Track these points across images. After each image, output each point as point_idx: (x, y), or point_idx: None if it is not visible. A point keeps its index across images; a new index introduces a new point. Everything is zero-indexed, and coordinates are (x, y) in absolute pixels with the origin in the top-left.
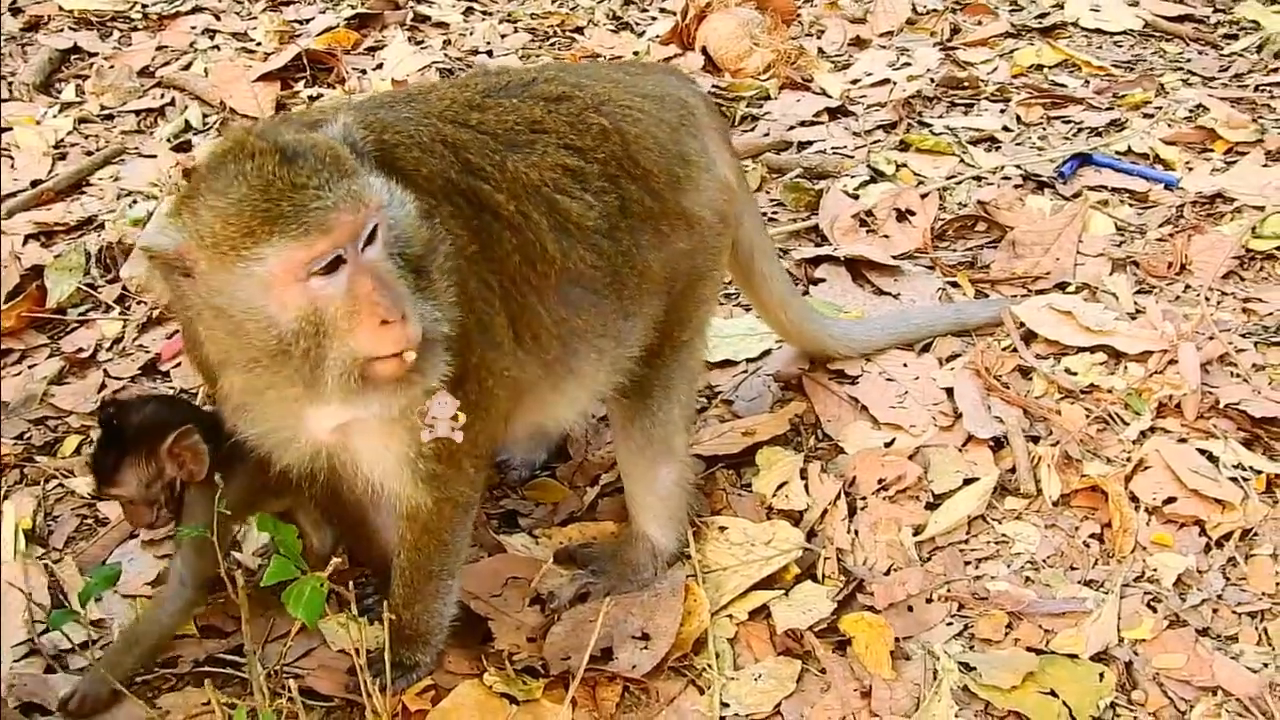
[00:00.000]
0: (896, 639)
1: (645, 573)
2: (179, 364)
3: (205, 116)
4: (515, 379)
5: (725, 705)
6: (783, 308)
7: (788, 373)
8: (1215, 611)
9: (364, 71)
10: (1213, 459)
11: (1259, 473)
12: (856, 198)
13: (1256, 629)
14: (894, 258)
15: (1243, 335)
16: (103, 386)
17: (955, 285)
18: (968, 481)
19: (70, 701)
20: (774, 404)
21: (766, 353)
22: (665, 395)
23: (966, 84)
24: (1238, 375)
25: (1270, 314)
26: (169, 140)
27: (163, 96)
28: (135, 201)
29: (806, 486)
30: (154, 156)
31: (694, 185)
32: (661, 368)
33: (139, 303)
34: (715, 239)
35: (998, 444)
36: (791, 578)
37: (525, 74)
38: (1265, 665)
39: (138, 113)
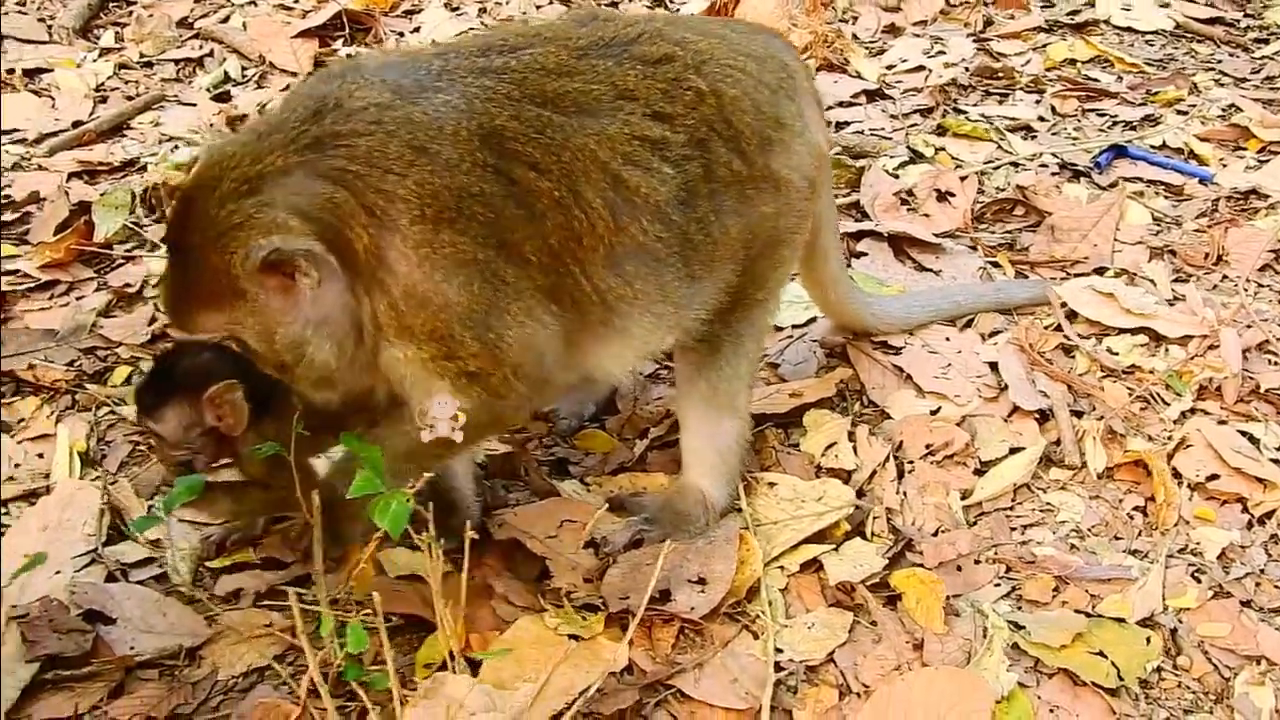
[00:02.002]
0: (946, 596)
1: (696, 524)
2: None
3: (244, 69)
4: (551, 339)
5: (779, 651)
6: (833, 284)
7: (832, 340)
8: (1258, 585)
9: (401, 34)
10: (1253, 440)
11: None
12: (896, 177)
13: None
14: (935, 236)
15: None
16: (153, 320)
17: (996, 265)
18: (1013, 451)
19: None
20: (819, 370)
21: (812, 320)
22: (735, 351)
23: (1001, 74)
24: (1276, 362)
25: None
26: (209, 90)
27: (201, 47)
28: (177, 147)
29: (855, 448)
30: (194, 105)
31: (785, 149)
32: (734, 324)
33: None
34: (802, 203)
35: (1043, 416)
36: (841, 534)
37: (631, 28)
38: None
39: (176, 62)
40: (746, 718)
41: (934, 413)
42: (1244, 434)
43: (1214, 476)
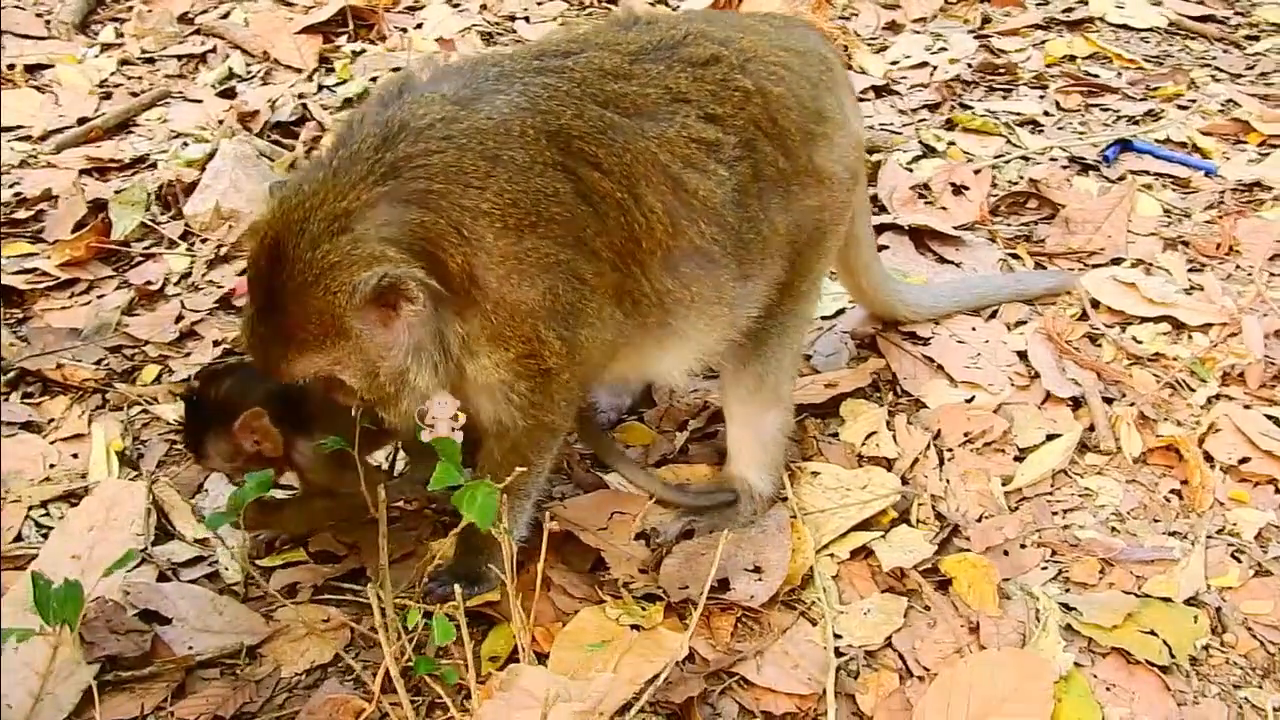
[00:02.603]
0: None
1: (744, 515)
2: None
3: (248, 65)
4: (612, 340)
5: (838, 637)
6: (865, 271)
7: (862, 331)
8: None
9: (404, 30)
10: (1279, 424)
11: None
12: (911, 171)
13: None
14: (954, 229)
15: None
16: (180, 318)
17: (1015, 257)
18: (1050, 437)
19: None
20: (850, 360)
21: (841, 311)
22: (780, 342)
23: (1004, 70)
24: None
25: None
26: (214, 86)
27: (203, 43)
28: (186, 143)
29: (894, 437)
30: (200, 101)
31: (828, 141)
32: (779, 316)
33: (202, 240)
34: (845, 194)
35: (1076, 403)
36: (888, 521)
37: (675, 31)
38: None
39: (179, 58)
40: (810, 702)
41: (969, 401)
42: (1270, 418)
43: (1245, 459)
